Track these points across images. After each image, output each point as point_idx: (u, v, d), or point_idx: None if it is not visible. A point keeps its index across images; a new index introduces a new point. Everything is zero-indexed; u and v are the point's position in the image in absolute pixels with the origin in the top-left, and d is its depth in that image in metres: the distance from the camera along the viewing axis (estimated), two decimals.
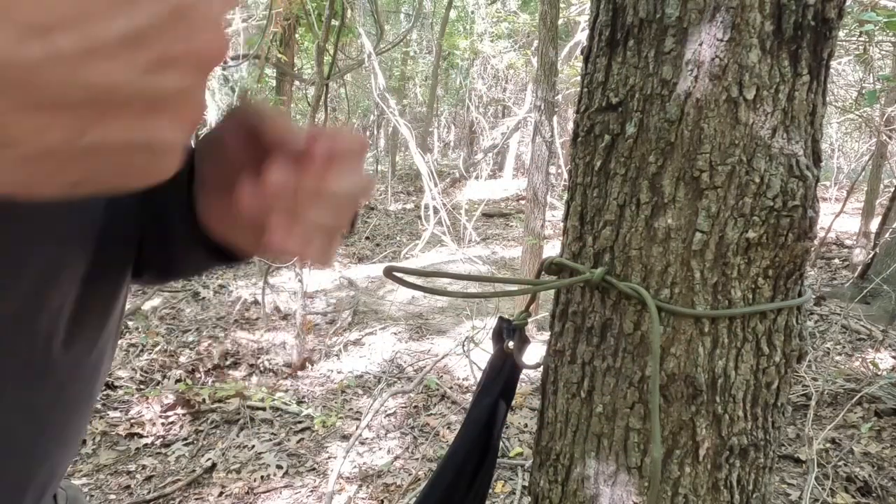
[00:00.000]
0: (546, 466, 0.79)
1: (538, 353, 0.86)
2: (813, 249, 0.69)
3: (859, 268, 5.22)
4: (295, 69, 9.05)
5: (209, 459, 3.01)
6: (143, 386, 3.79)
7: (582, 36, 7.26)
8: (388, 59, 13.46)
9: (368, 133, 15.93)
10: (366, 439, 3.22)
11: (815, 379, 3.39)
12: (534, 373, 1.34)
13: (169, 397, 3.56)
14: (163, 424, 3.35)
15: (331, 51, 4.43)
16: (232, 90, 7.35)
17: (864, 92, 5.24)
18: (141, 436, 3.23)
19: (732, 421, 0.68)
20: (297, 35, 8.72)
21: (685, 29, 0.64)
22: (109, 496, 2.74)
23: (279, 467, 2.97)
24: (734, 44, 0.62)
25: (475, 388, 0.86)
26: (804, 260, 0.68)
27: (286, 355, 4.38)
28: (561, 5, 5.45)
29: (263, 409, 3.53)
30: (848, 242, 7.01)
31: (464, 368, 3.96)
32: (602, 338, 0.72)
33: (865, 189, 6.49)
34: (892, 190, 5.58)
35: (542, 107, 4.38)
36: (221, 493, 2.76)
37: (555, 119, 4.61)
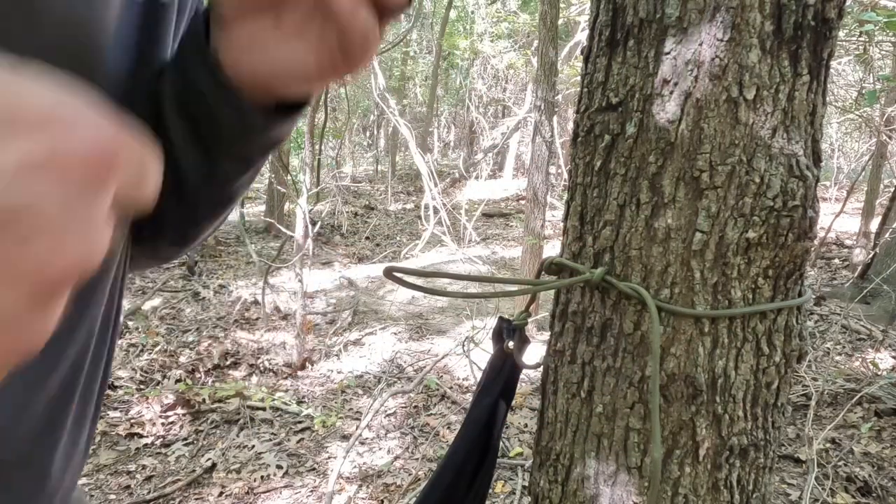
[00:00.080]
0: (546, 466, 0.79)
1: (538, 353, 0.86)
2: (813, 249, 0.69)
3: (859, 268, 5.22)
4: None
5: (209, 459, 3.01)
6: (143, 386, 3.80)
7: (582, 36, 7.26)
8: (388, 59, 13.46)
9: (368, 133, 15.94)
10: (366, 439, 3.22)
11: (815, 379, 3.39)
12: (534, 373, 1.34)
13: (169, 397, 3.56)
14: (163, 424, 3.35)
15: None
16: None
17: (864, 92, 5.24)
18: (141, 436, 3.24)
19: (732, 421, 0.68)
20: None
21: (685, 29, 0.64)
22: (109, 496, 2.74)
23: (279, 467, 2.97)
24: (734, 44, 0.62)
25: (475, 388, 0.86)
26: (804, 260, 0.68)
27: (286, 355, 4.38)
28: (561, 5, 5.45)
29: (263, 409, 3.53)
30: (848, 242, 7.01)
31: (464, 368, 3.96)
32: (602, 338, 0.72)
33: (865, 189, 6.49)
34: (892, 190, 5.58)
35: (542, 107, 4.38)
36: (221, 493, 2.76)
37: (555, 119, 4.61)
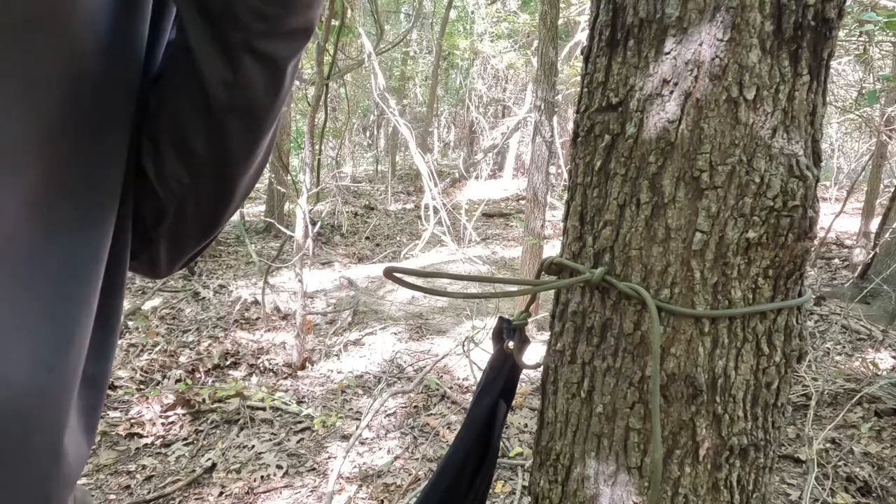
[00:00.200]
0: (546, 466, 0.79)
1: (538, 353, 0.86)
2: (813, 249, 0.69)
3: (859, 268, 5.22)
4: None
5: (209, 459, 3.01)
6: (143, 386, 3.80)
7: (582, 36, 7.26)
8: (388, 59, 13.46)
9: (368, 133, 15.93)
10: (366, 439, 3.22)
11: (815, 379, 3.39)
12: (534, 373, 1.34)
13: (169, 397, 3.56)
14: (163, 424, 3.35)
15: (331, 51, 4.43)
16: None
17: (864, 92, 5.25)
18: (141, 436, 3.23)
19: (732, 421, 0.68)
20: None
21: (685, 29, 0.64)
22: (109, 496, 2.74)
23: (279, 467, 2.97)
24: (734, 44, 0.62)
25: (475, 388, 0.86)
26: (804, 260, 0.68)
27: (286, 355, 4.38)
28: (561, 5, 5.45)
29: (263, 409, 3.53)
30: (848, 242, 7.01)
31: (464, 368, 3.96)
32: (602, 338, 0.72)
33: (865, 189, 6.49)
34: (892, 190, 5.58)
35: (542, 107, 4.38)
36: (221, 493, 2.76)
37: (555, 119, 4.61)
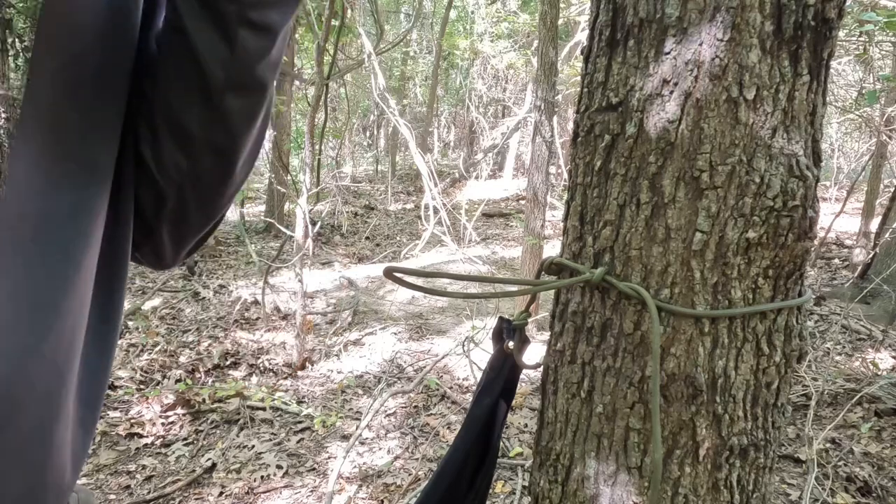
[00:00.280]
0: (546, 466, 0.79)
1: (538, 353, 0.86)
2: (813, 249, 0.69)
3: (859, 268, 5.22)
4: (295, 69, 9.05)
5: (209, 459, 3.01)
6: (143, 386, 3.80)
7: (582, 36, 7.26)
8: (388, 59, 13.45)
9: (368, 133, 15.93)
10: (366, 439, 3.22)
11: (815, 379, 3.39)
12: (534, 373, 1.34)
13: (169, 397, 3.56)
14: (163, 424, 3.35)
15: (331, 51, 4.43)
16: None
17: (864, 92, 5.24)
18: (141, 436, 3.23)
19: (732, 421, 0.68)
20: (297, 35, 8.72)
21: (685, 29, 0.64)
22: (109, 496, 2.74)
23: (279, 467, 2.97)
24: (734, 44, 0.62)
25: (475, 388, 0.86)
26: (804, 260, 0.68)
27: (286, 355, 4.38)
28: (561, 5, 5.45)
29: (263, 409, 3.53)
30: (848, 242, 7.01)
31: (464, 368, 3.96)
32: (602, 338, 0.72)
33: (865, 189, 6.49)
34: (892, 190, 5.58)
35: (542, 107, 4.38)
36: (221, 493, 2.76)
37: (555, 119, 4.61)
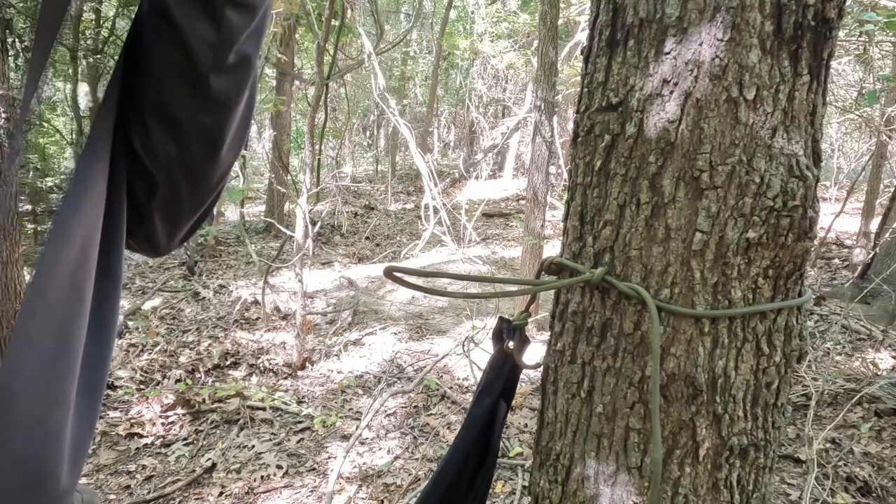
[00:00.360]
0: (546, 466, 0.79)
1: (538, 353, 0.86)
2: (813, 249, 0.69)
3: (859, 268, 5.22)
4: (295, 69, 9.05)
5: (209, 459, 3.01)
6: (143, 386, 3.80)
7: (582, 36, 7.26)
8: (388, 59, 13.45)
9: (368, 133, 15.93)
10: (366, 439, 3.22)
11: (815, 379, 3.38)
12: (534, 373, 1.34)
13: (169, 397, 3.56)
14: (163, 424, 3.35)
15: (331, 51, 4.44)
16: None
17: (864, 92, 5.24)
18: (141, 436, 3.23)
19: (732, 421, 0.68)
20: (297, 35, 8.72)
21: (685, 29, 0.64)
22: (109, 496, 2.74)
23: (279, 467, 2.97)
24: (734, 44, 0.62)
25: (475, 388, 0.86)
26: (804, 260, 0.68)
27: (286, 355, 4.38)
28: (561, 5, 5.45)
29: (263, 409, 3.53)
30: (848, 242, 7.00)
31: (464, 368, 3.96)
32: (602, 338, 0.72)
33: (865, 189, 6.49)
34: (892, 190, 5.58)
35: (542, 107, 4.38)
36: (221, 493, 2.76)
37: (555, 119, 4.61)
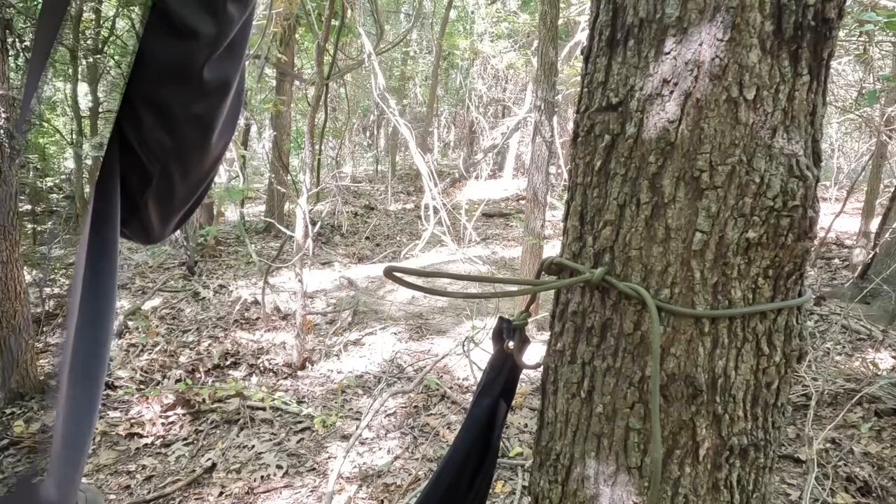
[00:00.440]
0: (546, 466, 0.79)
1: (538, 353, 0.86)
2: (813, 249, 0.69)
3: (859, 268, 5.22)
4: (295, 69, 9.05)
5: (209, 459, 3.01)
6: (143, 386, 3.80)
7: (582, 36, 7.26)
8: (388, 59, 13.45)
9: (368, 133, 15.93)
10: (366, 439, 3.22)
11: (815, 379, 3.38)
12: (534, 373, 1.34)
13: (169, 397, 3.56)
14: (163, 424, 3.35)
15: (331, 51, 4.44)
16: None
17: (864, 92, 5.24)
18: (141, 436, 3.24)
19: (732, 421, 0.68)
20: (297, 35, 8.72)
21: (685, 29, 0.64)
22: (109, 496, 2.74)
23: (279, 467, 2.97)
24: (734, 44, 0.62)
25: (475, 388, 0.86)
26: (804, 260, 0.68)
27: (286, 355, 4.38)
28: (561, 5, 5.45)
29: (263, 409, 3.53)
30: (848, 242, 7.01)
31: (464, 368, 3.96)
32: (602, 338, 0.72)
33: (865, 189, 6.49)
34: (892, 190, 5.58)
35: (542, 107, 4.38)
36: (221, 493, 2.76)
37: (555, 119, 4.61)
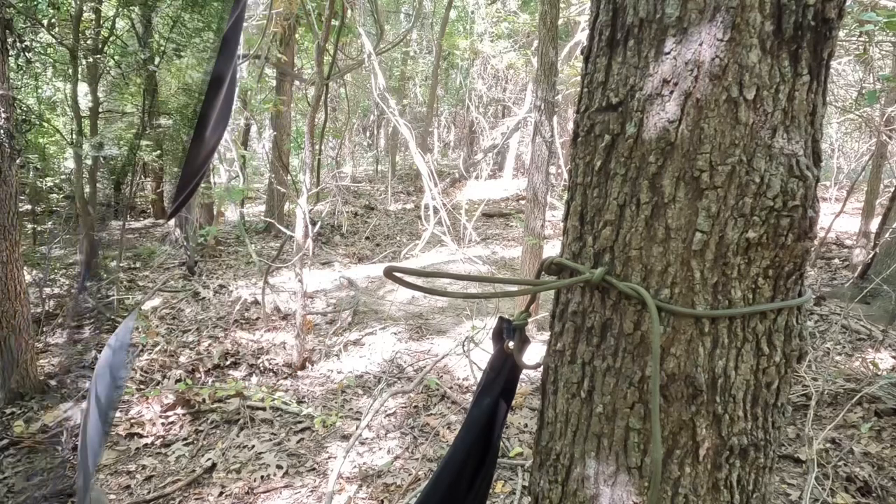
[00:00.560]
0: (546, 466, 0.79)
1: (538, 353, 0.86)
2: (813, 249, 0.69)
3: (859, 268, 5.22)
4: (295, 69, 9.05)
5: (209, 459, 3.01)
6: (143, 386, 3.80)
7: (582, 36, 7.26)
8: (388, 59, 13.45)
9: (368, 133, 15.94)
10: (366, 439, 3.22)
11: (815, 379, 3.38)
12: (534, 373, 1.34)
13: (169, 397, 3.56)
14: (163, 424, 3.35)
15: (331, 51, 4.44)
16: None
17: (864, 92, 5.24)
18: (141, 436, 3.23)
19: (732, 421, 0.68)
20: (297, 35, 8.72)
21: (685, 29, 0.64)
22: (109, 496, 2.74)
23: (279, 467, 2.97)
24: (734, 44, 0.62)
25: (475, 388, 0.86)
26: (804, 260, 0.68)
27: (286, 355, 4.38)
28: (561, 5, 5.45)
29: (263, 409, 3.53)
30: (848, 242, 7.01)
31: (464, 368, 3.96)
32: (602, 338, 0.72)
33: (865, 189, 6.49)
34: (892, 190, 5.58)
35: (542, 107, 4.38)
36: (221, 493, 2.76)
37: (555, 119, 4.61)
